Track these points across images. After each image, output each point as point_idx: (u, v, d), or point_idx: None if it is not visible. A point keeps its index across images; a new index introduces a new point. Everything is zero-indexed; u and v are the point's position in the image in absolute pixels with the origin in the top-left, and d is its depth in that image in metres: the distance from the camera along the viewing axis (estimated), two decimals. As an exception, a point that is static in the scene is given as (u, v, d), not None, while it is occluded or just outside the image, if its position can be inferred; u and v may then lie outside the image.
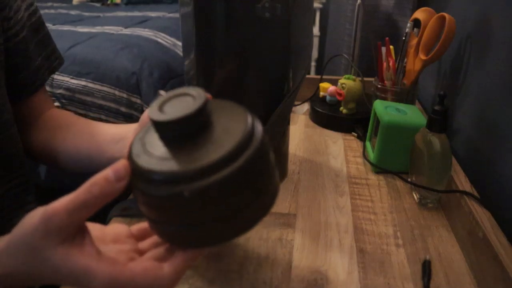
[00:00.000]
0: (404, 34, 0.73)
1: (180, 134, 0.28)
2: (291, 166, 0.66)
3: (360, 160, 0.69)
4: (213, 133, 0.28)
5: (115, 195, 0.29)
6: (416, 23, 0.73)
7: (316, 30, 2.42)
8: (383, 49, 0.75)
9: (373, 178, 0.63)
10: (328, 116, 0.80)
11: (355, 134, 0.77)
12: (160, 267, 0.29)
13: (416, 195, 0.58)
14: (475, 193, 0.51)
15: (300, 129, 0.81)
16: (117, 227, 0.36)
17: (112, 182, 0.29)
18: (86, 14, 2.35)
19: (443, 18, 0.65)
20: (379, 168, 0.64)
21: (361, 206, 0.56)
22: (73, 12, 2.40)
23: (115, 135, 0.52)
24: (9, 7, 0.53)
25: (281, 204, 0.56)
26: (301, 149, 0.73)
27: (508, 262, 0.39)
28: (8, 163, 0.54)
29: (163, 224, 0.29)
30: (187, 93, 0.29)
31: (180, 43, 1.56)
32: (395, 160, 0.63)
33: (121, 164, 0.29)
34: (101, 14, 2.34)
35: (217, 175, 0.26)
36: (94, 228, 0.34)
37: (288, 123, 0.60)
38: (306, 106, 0.91)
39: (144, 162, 0.28)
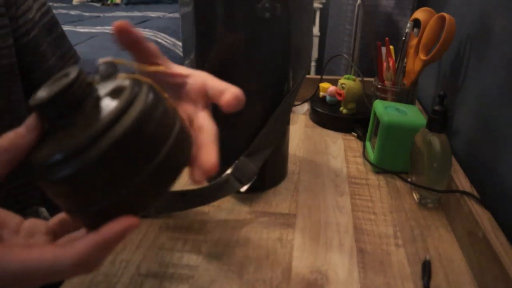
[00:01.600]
0: (404, 34, 0.73)
1: (54, 114, 0.28)
2: (291, 166, 0.66)
3: (360, 160, 0.69)
4: (87, 110, 0.28)
5: (26, 148, 0.28)
6: (416, 23, 0.73)
7: (316, 30, 2.41)
8: (383, 49, 0.75)
9: (373, 178, 0.63)
10: (328, 116, 0.81)
11: (355, 134, 0.77)
12: (60, 251, 0.27)
13: (416, 195, 0.58)
14: (475, 193, 0.51)
15: (300, 129, 0.81)
16: (35, 223, 0.33)
17: (23, 134, 0.28)
18: (86, 14, 2.35)
19: (443, 18, 0.65)
20: (379, 168, 0.64)
21: (361, 206, 0.56)
22: (73, 12, 2.41)
23: None
24: (16, 6, 0.53)
25: (281, 204, 0.56)
26: (301, 149, 0.73)
27: (508, 262, 0.39)
28: None
29: (69, 213, 0.29)
30: (66, 74, 0.28)
31: (180, 43, 1.56)
32: (395, 160, 0.63)
33: (31, 117, 0.29)
34: (101, 14, 2.34)
35: (85, 155, 0.25)
36: (11, 217, 0.32)
37: (288, 123, 0.61)
38: (306, 106, 0.91)
39: (33, 158, 0.28)
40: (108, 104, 0.27)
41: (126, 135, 0.26)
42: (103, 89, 0.29)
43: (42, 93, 0.28)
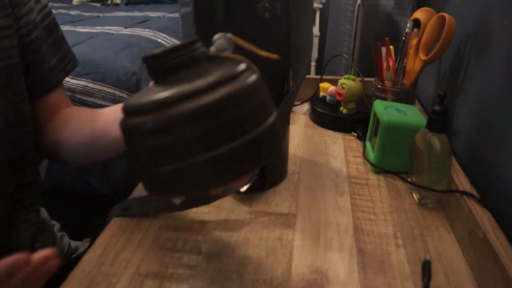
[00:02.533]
0: (404, 34, 0.73)
1: (165, 68, 0.30)
2: (291, 166, 0.66)
3: (360, 160, 0.69)
4: (199, 71, 0.30)
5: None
6: (416, 23, 0.73)
7: (316, 30, 2.41)
8: (383, 49, 0.75)
9: (373, 178, 0.63)
10: (328, 116, 0.80)
11: (355, 134, 0.77)
12: None
13: (416, 195, 0.58)
14: (475, 193, 0.51)
15: (300, 129, 0.81)
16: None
17: (32, 262, 0.29)
18: (86, 14, 2.35)
19: (443, 18, 0.65)
20: (379, 168, 0.64)
21: (361, 206, 0.56)
22: (73, 12, 2.41)
23: (118, 112, 0.52)
24: (18, 8, 0.54)
25: (281, 204, 0.56)
26: (301, 149, 0.73)
27: (508, 262, 0.39)
28: (21, 161, 0.55)
29: (158, 164, 0.29)
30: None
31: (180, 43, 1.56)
32: (395, 160, 0.63)
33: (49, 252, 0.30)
34: (101, 14, 2.34)
35: (192, 102, 0.26)
36: None
37: (288, 123, 0.60)
38: (306, 106, 0.91)
39: (132, 100, 0.30)
40: (218, 70, 0.29)
41: (228, 97, 0.27)
42: (216, 59, 0.31)
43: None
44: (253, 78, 0.29)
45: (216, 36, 0.32)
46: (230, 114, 0.27)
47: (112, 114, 0.52)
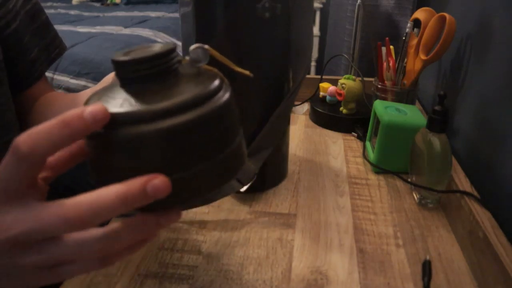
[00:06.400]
0: (404, 34, 0.73)
1: (138, 76, 0.28)
2: (291, 166, 0.66)
3: (360, 160, 0.69)
4: (173, 84, 0.28)
5: (82, 136, 0.25)
6: (416, 23, 0.73)
7: (316, 30, 2.41)
8: (383, 49, 0.75)
9: (373, 178, 0.63)
10: (328, 116, 0.80)
11: (355, 134, 0.77)
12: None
13: (416, 195, 0.58)
14: (475, 193, 0.51)
15: (300, 129, 0.81)
16: None
17: (87, 121, 0.25)
18: (86, 14, 2.35)
19: (443, 18, 0.65)
20: (379, 168, 0.64)
21: (361, 206, 0.56)
22: (72, 12, 2.41)
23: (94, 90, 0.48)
24: None
25: (281, 204, 0.56)
26: (301, 149, 0.73)
27: (508, 262, 0.39)
28: None
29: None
30: (158, 44, 0.30)
31: (180, 43, 1.56)
32: (395, 160, 0.63)
33: (100, 107, 0.25)
34: (100, 14, 2.34)
35: (173, 119, 0.25)
36: None
37: (288, 123, 0.60)
38: (306, 106, 0.91)
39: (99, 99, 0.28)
40: (191, 87, 0.28)
41: (211, 114, 0.27)
42: (191, 70, 0.30)
43: (127, 55, 0.28)
44: (226, 97, 0.29)
45: (193, 47, 0.30)
46: (199, 136, 0.26)
47: (90, 93, 0.50)
